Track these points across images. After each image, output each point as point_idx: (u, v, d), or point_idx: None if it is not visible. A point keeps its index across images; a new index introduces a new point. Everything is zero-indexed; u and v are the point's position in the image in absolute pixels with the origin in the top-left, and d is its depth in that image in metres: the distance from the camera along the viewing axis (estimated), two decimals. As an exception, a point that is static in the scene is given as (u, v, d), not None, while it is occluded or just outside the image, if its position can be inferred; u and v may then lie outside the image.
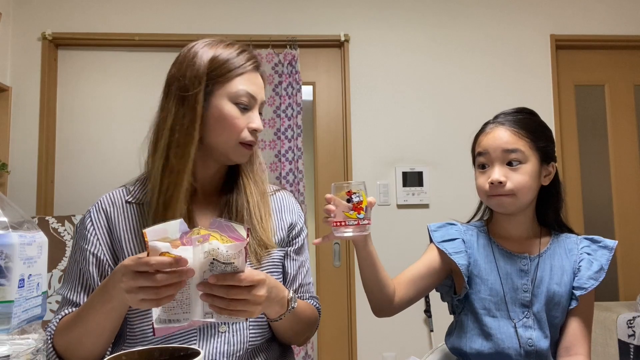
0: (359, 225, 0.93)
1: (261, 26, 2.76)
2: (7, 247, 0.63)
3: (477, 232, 1.19)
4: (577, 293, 1.09)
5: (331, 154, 2.81)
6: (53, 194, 2.66)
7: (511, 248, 1.15)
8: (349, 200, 0.92)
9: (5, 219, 0.65)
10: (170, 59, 1.04)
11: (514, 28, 2.87)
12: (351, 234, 0.93)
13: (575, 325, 1.10)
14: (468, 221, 1.26)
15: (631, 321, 2.21)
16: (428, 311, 2.67)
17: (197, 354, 0.65)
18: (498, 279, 1.11)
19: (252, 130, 1.00)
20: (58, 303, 2.17)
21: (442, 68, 2.82)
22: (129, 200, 1.02)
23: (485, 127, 1.16)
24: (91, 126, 2.71)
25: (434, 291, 1.22)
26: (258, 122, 1.01)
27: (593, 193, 2.91)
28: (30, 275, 0.67)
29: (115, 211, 1.00)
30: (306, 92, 2.80)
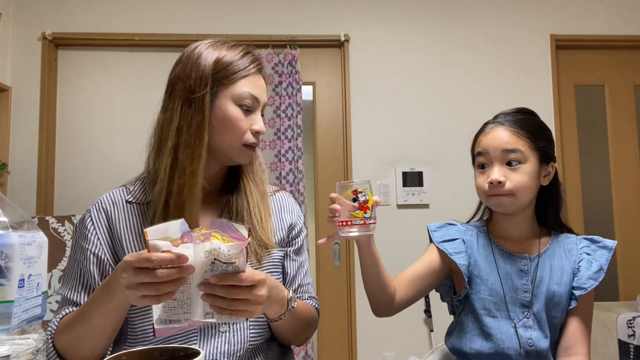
0: (365, 225, 0.92)
1: (261, 26, 2.76)
2: (7, 247, 0.63)
3: (476, 232, 1.19)
4: (577, 293, 1.09)
5: (331, 154, 2.81)
6: (53, 194, 2.66)
7: (511, 248, 1.15)
8: (355, 200, 0.91)
9: (5, 219, 0.65)
10: (170, 59, 1.04)
11: (514, 28, 2.87)
12: (357, 233, 0.93)
13: (574, 325, 1.10)
14: (468, 221, 1.26)
15: (631, 321, 2.21)
16: (428, 311, 2.67)
17: (197, 354, 0.65)
18: (498, 279, 1.11)
19: (255, 132, 1.01)
20: (58, 303, 2.18)
21: (442, 68, 2.82)
22: (130, 200, 1.02)
23: (484, 127, 1.16)
24: (91, 126, 2.71)
25: (434, 291, 1.22)
26: (261, 124, 1.02)
27: (593, 193, 2.91)
28: (30, 275, 0.67)
29: (115, 211, 1.00)
30: (306, 92, 2.80)
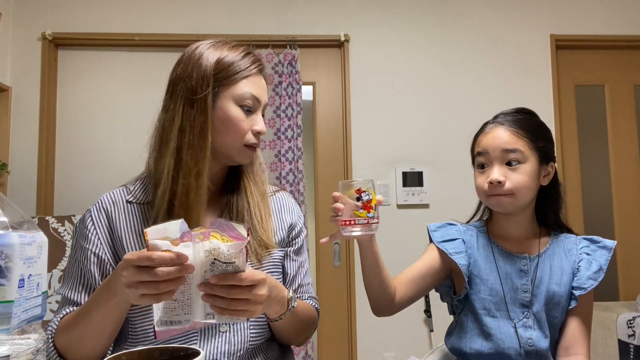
0: (368, 224, 0.91)
1: (261, 26, 2.76)
2: (7, 247, 0.63)
3: (476, 232, 1.19)
4: (577, 293, 1.09)
5: (331, 154, 2.81)
6: (53, 194, 2.66)
7: (511, 248, 1.15)
8: (359, 199, 0.90)
9: (5, 219, 0.65)
10: (170, 59, 1.04)
11: (514, 28, 2.87)
12: (360, 232, 0.92)
13: (574, 325, 1.10)
14: (467, 221, 1.26)
15: (631, 321, 2.21)
16: (428, 311, 2.67)
17: (197, 354, 0.65)
18: (498, 279, 1.11)
19: (256, 132, 1.01)
20: (58, 303, 2.18)
21: (442, 68, 2.82)
22: (130, 200, 1.02)
23: (484, 127, 1.16)
24: (91, 126, 2.71)
25: (433, 291, 1.22)
26: (262, 124, 1.02)
27: (593, 193, 2.91)
28: (30, 275, 0.67)
29: (116, 211, 1.00)
30: (306, 92, 2.80)
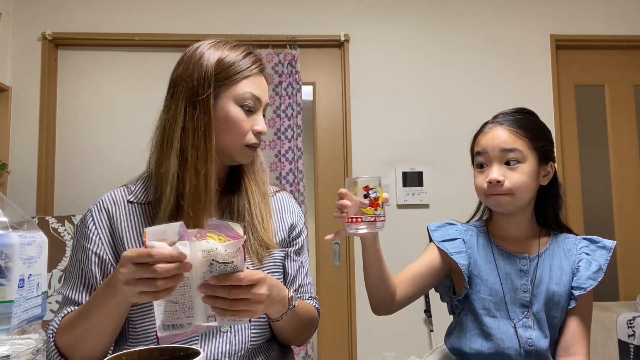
0: (375, 222, 0.90)
1: (261, 26, 2.76)
2: (7, 247, 0.63)
3: (476, 232, 1.19)
4: (576, 293, 1.09)
5: (331, 154, 2.81)
6: (53, 194, 2.66)
7: (510, 248, 1.15)
8: (366, 196, 0.90)
9: (5, 219, 0.65)
10: (170, 59, 1.04)
11: (514, 28, 2.87)
12: (365, 230, 0.92)
13: (574, 325, 1.10)
14: (467, 221, 1.26)
15: (631, 321, 2.21)
16: (428, 311, 2.67)
17: (197, 354, 0.65)
18: (498, 279, 1.11)
19: (257, 132, 1.01)
20: (58, 303, 2.18)
21: (442, 68, 2.82)
22: (131, 200, 1.01)
23: (484, 127, 1.16)
24: (91, 126, 2.71)
25: (433, 291, 1.22)
26: (262, 124, 1.02)
27: (593, 193, 2.91)
28: (30, 275, 0.67)
29: (117, 211, 1.00)
30: (306, 92, 2.80)
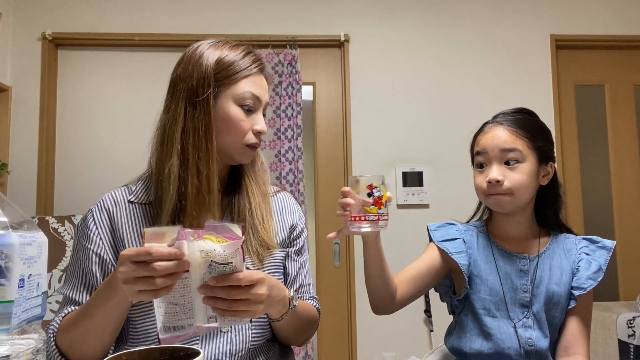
0: (378, 221, 0.90)
1: (261, 26, 2.76)
2: (7, 247, 0.64)
3: (476, 232, 1.19)
4: (576, 293, 1.09)
5: (331, 154, 2.81)
6: (53, 194, 2.66)
7: (510, 248, 1.15)
8: (370, 195, 0.89)
9: (5, 219, 0.65)
10: (170, 59, 1.04)
11: (514, 28, 2.87)
12: (368, 229, 0.91)
13: (574, 325, 1.10)
14: (467, 221, 1.26)
15: (631, 321, 2.21)
16: (428, 311, 2.67)
17: (197, 354, 0.65)
18: (498, 279, 1.11)
19: (257, 132, 1.00)
20: (58, 303, 2.18)
21: (442, 68, 2.82)
22: (132, 200, 1.01)
23: (484, 126, 1.16)
24: (91, 126, 2.71)
25: (433, 291, 1.22)
26: (262, 124, 1.01)
27: (593, 193, 2.91)
28: (30, 275, 0.67)
29: (118, 211, 1.00)
30: (306, 92, 2.80)
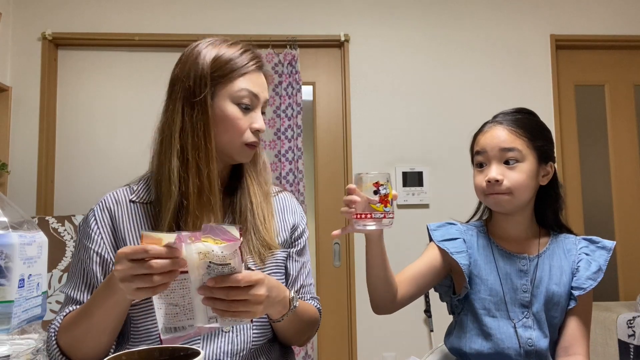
0: (385, 219, 0.90)
1: (261, 26, 2.76)
2: (7, 247, 0.64)
3: (476, 232, 1.19)
4: (576, 293, 1.09)
5: (331, 154, 2.81)
6: (53, 194, 2.66)
7: (510, 248, 1.15)
8: (376, 192, 0.89)
9: (5, 219, 0.65)
10: (170, 59, 1.04)
11: (514, 28, 2.87)
12: (374, 227, 0.91)
13: (574, 325, 1.10)
14: (467, 221, 1.26)
15: (631, 321, 2.21)
16: (428, 311, 2.67)
17: (197, 354, 0.65)
18: (497, 279, 1.11)
19: (255, 130, 1.00)
20: (58, 303, 2.18)
21: (442, 68, 2.82)
22: (133, 200, 1.01)
23: (484, 126, 1.16)
24: (91, 126, 2.71)
25: (433, 291, 1.22)
26: (261, 122, 1.01)
27: (593, 193, 2.91)
28: (30, 275, 0.67)
29: (119, 210, 1.00)
30: (306, 92, 2.80)
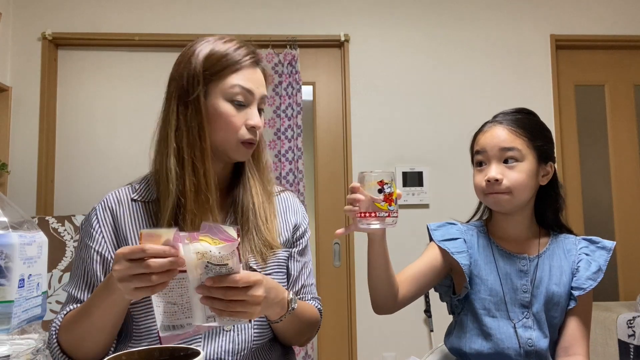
0: (389, 217, 0.89)
1: (261, 26, 2.76)
2: (7, 247, 0.64)
3: (477, 232, 1.19)
4: (576, 293, 1.09)
5: (331, 154, 2.80)
6: (53, 194, 2.66)
7: (510, 248, 1.15)
8: (381, 191, 0.88)
9: (5, 219, 0.65)
10: (170, 59, 1.04)
11: (514, 28, 2.87)
12: (378, 225, 0.90)
13: (573, 326, 1.10)
14: (467, 221, 1.26)
15: (631, 321, 2.21)
16: (428, 311, 2.67)
17: (197, 354, 0.65)
18: (497, 279, 1.11)
19: (251, 127, 0.98)
20: (58, 303, 2.18)
21: (442, 68, 2.82)
22: (135, 198, 1.01)
23: (484, 126, 1.16)
24: (91, 126, 2.71)
25: (433, 291, 1.22)
26: (256, 119, 0.99)
27: (593, 193, 2.91)
28: (30, 275, 0.67)
29: (121, 209, 1.00)
30: (306, 92, 2.80)
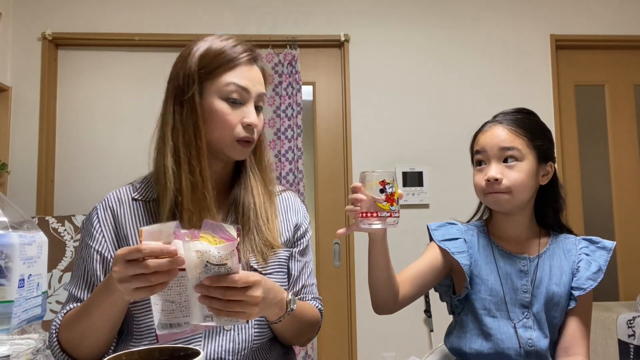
0: (391, 217, 0.89)
1: (261, 26, 2.76)
2: (7, 247, 0.64)
3: (477, 232, 1.19)
4: (576, 293, 1.09)
5: (331, 154, 2.80)
6: (53, 194, 2.66)
7: (510, 248, 1.15)
8: (383, 191, 0.88)
9: (5, 219, 0.65)
10: (170, 59, 1.04)
11: (514, 28, 2.87)
12: (379, 225, 0.90)
13: (574, 326, 1.10)
14: (468, 221, 1.26)
15: (631, 321, 2.21)
16: (428, 311, 2.67)
17: (197, 354, 0.65)
18: (498, 279, 1.11)
19: (247, 125, 0.97)
20: (58, 303, 2.18)
21: (442, 68, 2.82)
22: (136, 198, 1.01)
23: (484, 126, 1.16)
24: (91, 126, 2.70)
25: (433, 291, 1.22)
26: (252, 116, 0.98)
27: (593, 193, 2.91)
28: (30, 275, 0.67)
29: (121, 208, 1.00)
30: (306, 92, 2.80)
